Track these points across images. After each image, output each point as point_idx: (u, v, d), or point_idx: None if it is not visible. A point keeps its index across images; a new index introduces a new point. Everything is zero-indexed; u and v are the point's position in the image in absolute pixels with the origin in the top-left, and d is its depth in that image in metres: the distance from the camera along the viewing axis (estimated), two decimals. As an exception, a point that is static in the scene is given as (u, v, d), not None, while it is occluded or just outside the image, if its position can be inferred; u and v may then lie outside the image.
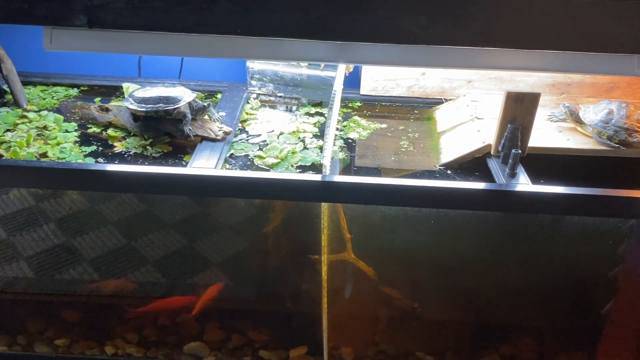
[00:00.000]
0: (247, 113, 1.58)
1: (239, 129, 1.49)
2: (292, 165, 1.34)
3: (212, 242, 1.60)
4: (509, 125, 1.24)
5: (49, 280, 1.56)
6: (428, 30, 1.01)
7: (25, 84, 1.60)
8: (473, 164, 1.33)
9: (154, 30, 1.02)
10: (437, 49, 1.07)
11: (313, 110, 1.62)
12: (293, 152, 1.39)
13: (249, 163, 1.34)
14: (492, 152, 1.31)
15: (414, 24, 1.01)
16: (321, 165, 1.34)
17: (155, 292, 1.55)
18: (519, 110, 1.24)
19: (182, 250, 1.60)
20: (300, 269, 1.50)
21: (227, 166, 1.32)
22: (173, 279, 1.56)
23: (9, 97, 1.55)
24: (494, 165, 1.29)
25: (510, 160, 1.22)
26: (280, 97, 1.63)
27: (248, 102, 1.63)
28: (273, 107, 1.64)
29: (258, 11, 0.98)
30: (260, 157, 1.36)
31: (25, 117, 1.47)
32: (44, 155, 1.31)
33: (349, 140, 1.47)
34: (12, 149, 1.30)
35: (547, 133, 1.40)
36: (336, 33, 1.02)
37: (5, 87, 1.54)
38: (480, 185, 1.19)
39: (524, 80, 1.60)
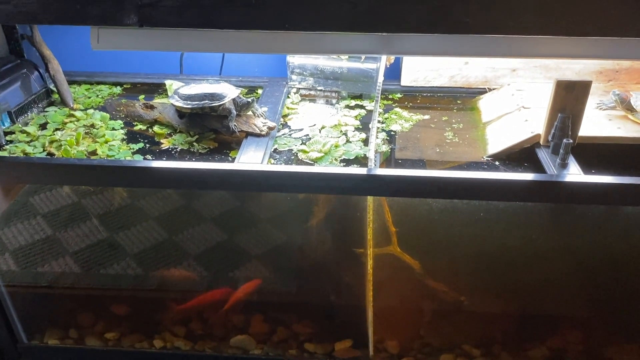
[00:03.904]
0: (288, 108, 1.58)
1: (281, 124, 1.49)
2: (335, 159, 1.34)
3: (257, 236, 1.61)
4: (559, 115, 1.21)
5: (96, 275, 1.59)
6: (478, 18, 0.99)
7: (69, 83, 1.63)
8: (521, 155, 1.31)
9: (203, 28, 1.03)
10: (486, 38, 1.05)
11: (353, 103, 1.62)
12: (336, 146, 1.38)
13: (293, 157, 1.35)
14: (541, 142, 1.28)
15: (464, 13, 0.99)
16: (365, 158, 1.33)
17: (201, 286, 1.57)
18: (569, 98, 1.21)
19: (226, 244, 1.62)
20: (346, 262, 1.50)
21: (272, 161, 1.32)
22: (216, 273, 1.58)
23: (56, 96, 1.58)
24: (543, 155, 1.26)
25: (561, 150, 1.19)
26: (321, 90, 1.63)
27: (289, 97, 1.63)
28: (313, 101, 1.64)
29: (306, 5, 0.98)
30: (304, 152, 1.36)
31: (72, 115, 1.51)
32: (94, 153, 1.34)
33: (392, 133, 1.46)
34: (63, 147, 1.33)
35: (596, 122, 1.36)
36: (384, 25, 1.01)
37: (52, 86, 1.58)
38: (530, 176, 1.17)
39: (570, 68, 1.56)
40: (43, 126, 1.46)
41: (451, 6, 0.97)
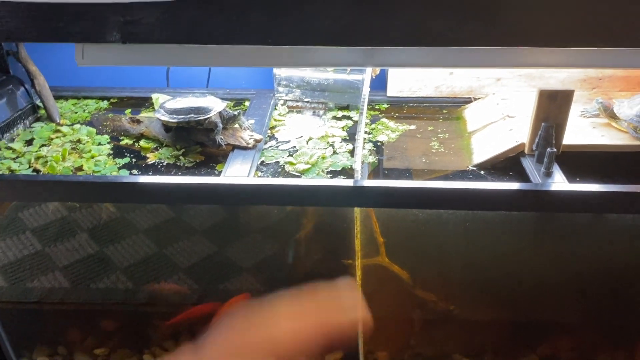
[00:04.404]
0: (275, 119, 1.58)
1: (268, 136, 1.50)
2: (322, 171, 1.35)
3: (245, 249, 1.61)
4: (542, 124, 1.22)
5: (86, 290, 1.58)
6: (458, 31, 1.00)
7: (56, 98, 1.63)
8: (506, 164, 1.32)
9: (185, 43, 1.03)
10: (466, 50, 1.06)
11: (340, 113, 1.62)
12: (323, 157, 1.39)
13: (280, 170, 1.35)
14: (526, 151, 1.29)
15: (444, 26, 1.00)
16: (352, 169, 1.34)
17: (191, 299, 1.56)
18: (553, 108, 1.22)
19: (214, 257, 1.62)
20: (334, 274, 1.50)
21: (259, 174, 1.32)
22: (206, 286, 1.57)
23: (42, 112, 1.58)
24: (528, 164, 1.27)
25: (545, 159, 1.20)
26: (308, 102, 1.64)
27: (276, 109, 1.63)
28: (300, 112, 1.64)
29: (288, 20, 0.99)
30: (291, 164, 1.36)
31: (59, 131, 1.50)
32: (80, 168, 1.34)
33: (378, 143, 1.47)
34: (49, 163, 1.33)
35: (580, 129, 1.37)
36: (365, 39, 1.02)
37: (38, 102, 1.57)
38: (515, 185, 1.18)
39: (554, 76, 1.57)
40: (29, 142, 1.46)
41: (432, 20, 0.98)
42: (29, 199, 1.65)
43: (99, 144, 1.45)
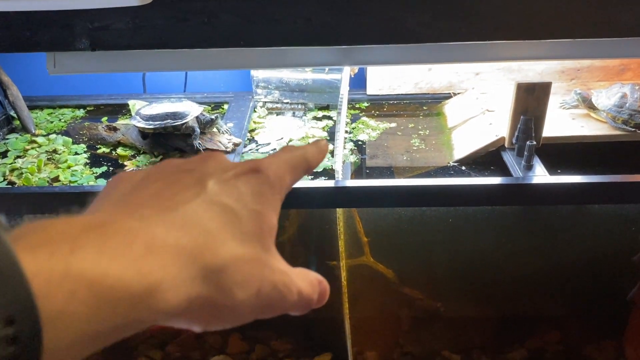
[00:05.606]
0: (254, 122, 1.57)
1: (248, 139, 1.48)
2: (303, 172, 1.33)
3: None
4: (521, 117, 1.22)
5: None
6: (432, 28, 0.99)
7: (31, 108, 1.60)
8: (487, 158, 1.31)
9: (156, 48, 1.01)
10: (442, 46, 1.05)
11: (320, 114, 1.61)
12: (304, 159, 1.37)
13: (260, 173, 1.33)
14: (506, 145, 1.29)
15: (418, 23, 0.99)
16: (333, 170, 1.32)
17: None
18: (531, 100, 1.22)
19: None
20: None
21: (239, 178, 1.30)
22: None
23: (17, 123, 1.55)
24: (509, 158, 1.27)
25: (525, 153, 1.20)
26: (287, 103, 1.62)
27: (255, 111, 1.62)
28: (280, 113, 1.63)
29: (260, 22, 0.97)
30: (272, 166, 1.34)
31: (34, 142, 1.48)
32: (56, 179, 1.31)
33: (359, 142, 1.46)
34: (24, 175, 1.30)
35: (560, 121, 1.37)
36: (339, 38, 1.00)
37: (12, 113, 1.54)
38: (496, 180, 1.17)
39: (533, 69, 1.57)
40: (4, 154, 1.43)
41: (404, 18, 0.97)
42: (3, 212, 1.62)
43: (76, 153, 1.42)
